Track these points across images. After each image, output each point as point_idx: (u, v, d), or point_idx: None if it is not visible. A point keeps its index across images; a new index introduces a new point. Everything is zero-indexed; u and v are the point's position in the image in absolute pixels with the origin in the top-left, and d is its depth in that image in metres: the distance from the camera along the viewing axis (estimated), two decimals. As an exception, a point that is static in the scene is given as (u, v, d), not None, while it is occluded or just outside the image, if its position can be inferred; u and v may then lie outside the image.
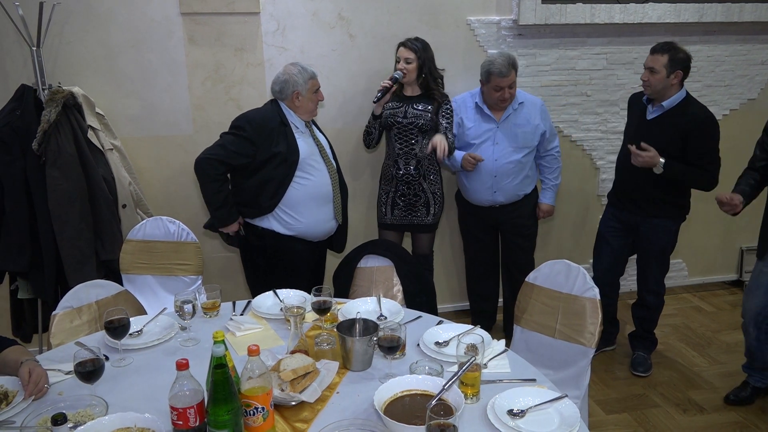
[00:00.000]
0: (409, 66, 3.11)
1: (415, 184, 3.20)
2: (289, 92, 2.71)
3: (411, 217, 3.26)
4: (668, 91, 2.95)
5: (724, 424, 2.86)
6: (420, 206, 3.24)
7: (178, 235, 2.86)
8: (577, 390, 2.13)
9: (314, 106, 2.79)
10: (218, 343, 1.45)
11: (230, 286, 3.60)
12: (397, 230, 3.35)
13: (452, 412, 1.47)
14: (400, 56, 3.14)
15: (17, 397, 1.69)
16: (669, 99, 2.96)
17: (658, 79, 2.91)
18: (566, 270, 2.29)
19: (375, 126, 3.20)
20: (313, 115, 2.82)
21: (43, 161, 2.79)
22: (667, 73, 2.89)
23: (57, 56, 3.12)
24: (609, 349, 3.51)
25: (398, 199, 3.24)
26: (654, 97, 3.00)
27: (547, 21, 3.56)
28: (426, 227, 3.31)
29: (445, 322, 2.16)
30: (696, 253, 4.37)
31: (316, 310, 2.07)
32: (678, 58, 2.88)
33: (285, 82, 2.71)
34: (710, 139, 2.93)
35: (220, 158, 2.65)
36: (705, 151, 2.93)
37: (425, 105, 3.15)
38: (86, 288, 2.33)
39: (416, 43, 3.12)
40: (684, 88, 2.98)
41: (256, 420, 1.47)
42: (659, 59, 2.90)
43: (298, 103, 2.73)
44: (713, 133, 2.94)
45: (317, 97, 2.78)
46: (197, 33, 3.27)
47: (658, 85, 2.92)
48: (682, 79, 2.93)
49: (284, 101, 2.74)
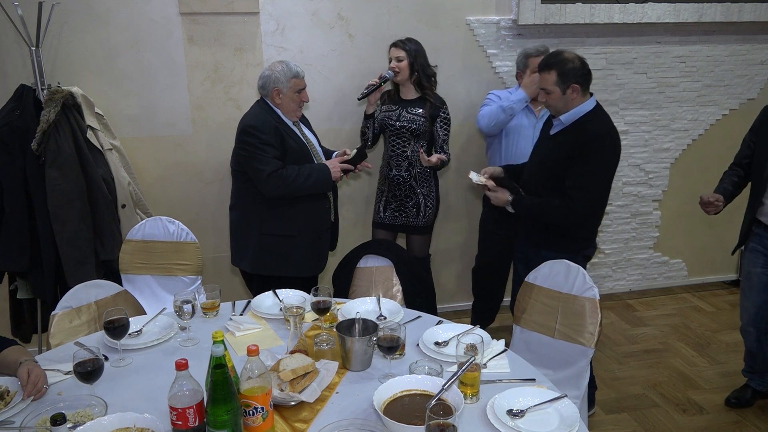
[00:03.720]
0: (401, 64, 3.12)
1: (406, 186, 3.22)
2: (270, 89, 2.69)
3: (403, 217, 3.29)
4: (570, 106, 2.52)
5: (724, 424, 2.86)
6: (411, 208, 3.26)
7: (178, 235, 2.86)
8: (576, 390, 2.13)
9: (296, 107, 2.73)
10: (217, 343, 1.45)
11: (230, 286, 3.60)
12: (390, 230, 3.37)
13: (452, 412, 1.46)
14: (392, 56, 3.15)
15: (16, 397, 1.69)
16: (568, 113, 2.52)
17: (555, 98, 2.51)
18: (566, 270, 2.29)
19: (368, 126, 3.20)
20: (295, 116, 2.76)
21: (43, 161, 2.79)
22: (562, 90, 2.48)
23: (56, 56, 3.12)
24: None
25: (391, 199, 3.27)
26: (556, 113, 2.58)
27: (546, 21, 3.56)
28: (418, 229, 3.32)
29: (444, 322, 2.15)
30: (696, 253, 4.37)
31: (316, 310, 2.06)
32: (567, 70, 2.46)
33: (267, 78, 2.69)
34: (588, 162, 2.43)
35: (273, 166, 2.60)
36: (577, 174, 2.44)
37: (417, 108, 3.17)
38: (85, 288, 2.32)
39: (407, 42, 3.14)
40: (591, 100, 2.54)
41: (255, 420, 1.47)
42: (548, 78, 2.49)
43: (279, 101, 2.70)
44: (596, 155, 2.44)
45: (300, 97, 2.72)
46: (196, 33, 3.27)
47: (557, 104, 2.52)
48: (583, 90, 2.50)
49: (267, 98, 2.73)
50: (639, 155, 4.07)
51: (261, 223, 2.73)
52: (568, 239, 2.57)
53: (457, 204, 3.85)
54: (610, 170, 2.51)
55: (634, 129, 4.00)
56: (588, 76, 2.51)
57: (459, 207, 3.86)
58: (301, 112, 2.81)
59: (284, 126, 2.71)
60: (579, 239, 2.60)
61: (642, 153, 4.07)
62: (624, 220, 4.17)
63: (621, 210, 4.15)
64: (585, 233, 2.62)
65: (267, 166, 2.60)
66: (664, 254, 4.31)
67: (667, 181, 4.16)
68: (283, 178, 2.61)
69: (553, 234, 2.58)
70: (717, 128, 4.14)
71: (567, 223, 2.53)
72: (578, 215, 2.48)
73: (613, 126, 2.53)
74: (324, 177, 2.69)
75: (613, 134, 2.50)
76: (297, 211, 2.73)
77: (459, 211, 3.88)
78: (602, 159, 2.46)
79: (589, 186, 2.45)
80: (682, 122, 4.07)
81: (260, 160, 2.60)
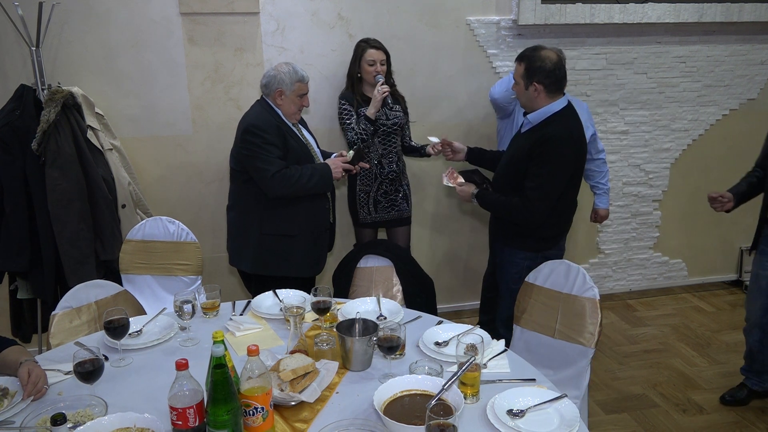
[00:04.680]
0: (383, 68, 3.17)
1: (396, 180, 3.30)
2: (273, 88, 2.69)
3: (394, 212, 3.34)
4: (534, 104, 2.50)
5: (724, 424, 2.86)
6: (400, 200, 3.34)
7: (178, 235, 2.86)
8: (576, 390, 2.13)
9: (296, 110, 2.74)
10: (218, 343, 1.45)
11: (229, 286, 3.60)
12: (373, 227, 3.40)
13: (452, 412, 1.46)
14: (374, 59, 3.14)
15: (16, 397, 1.69)
16: (536, 113, 2.50)
17: (519, 90, 2.51)
18: (566, 270, 2.29)
19: (370, 131, 3.14)
20: (294, 119, 2.77)
21: (43, 161, 2.79)
22: (525, 85, 2.47)
23: (56, 56, 3.12)
24: None
25: (380, 197, 3.29)
26: (526, 110, 2.57)
27: (546, 21, 3.56)
28: (406, 220, 3.40)
29: (444, 322, 2.15)
30: (696, 253, 4.37)
31: (316, 310, 2.06)
32: (535, 67, 2.42)
33: (272, 78, 2.69)
34: (545, 163, 2.41)
35: (277, 166, 2.60)
36: (535, 175, 2.43)
37: (397, 105, 3.26)
38: (86, 288, 2.33)
39: (382, 44, 3.19)
40: (560, 101, 2.49)
41: (255, 420, 1.47)
42: (518, 68, 2.48)
43: (280, 102, 2.70)
44: (553, 156, 2.41)
45: (301, 102, 2.73)
46: (197, 33, 3.27)
47: (521, 97, 2.53)
48: (549, 91, 2.46)
49: (268, 97, 2.73)
50: (639, 155, 4.07)
51: (261, 222, 2.73)
52: (531, 238, 2.58)
53: (459, 204, 3.85)
54: (566, 173, 2.46)
55: (634, 129, 4.01)
56: (557, 80, 2.46)
57: (461, 207, 3.87)
58: (300, 115, 2.82)
59: (285, 126, 2.71)
60: (544, 239, 2.60)
61: (642, 153, 4.07)
62: (624, 220, 4.18)
63: (621, 210, 4.15)
64: (552, 232, 2.61)
65: (271, 166, 2.60)
66: (664, 254, 4.31)
67: (667, 181, 4.16)
68: (288, 178, 2.61)
69: (515, 231, 2.60)
70: (717, 128, 4.14)
71: (525, 222, 2.53)
72: (535, 215, 2.47)
73: (576, 129, 2.51)
74: (326, 176, 2.71)
75: (574, 137, 2.47)
76: (297, 211, 2.73)
77: (460, 211, 3.88)
78: (559, 161, 2.43)
79: (544, 186, 2.44)
80: (682, 122, 4.08)
81: (264, 160, 2.60)
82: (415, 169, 3.70)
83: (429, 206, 3.82)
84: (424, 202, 3.80)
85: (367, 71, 3.16)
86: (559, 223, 2.62)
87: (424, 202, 3.80)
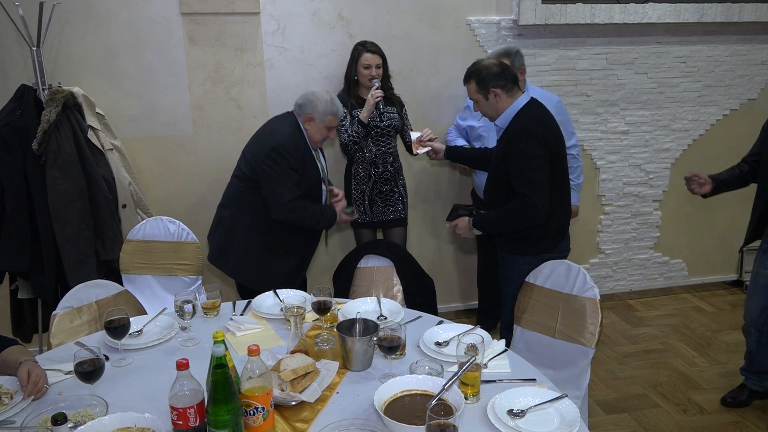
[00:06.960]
0: (378, 71, 3.19)
1: (392, 180, 3.31)
2: (306, 112, 2.71)
3: (389, 212, 3.35)
4: (498, 109, 2.52)
5: (724, 424, 2.86)
6: (395, 201, 3.35)
7: (178, 235, 2.86)
8: (577, 390, 2.13)
9: (320, 139, 2.77)
10: (218, 343, 1.45)
11: (230, 286, 3.60)
12: (372, 227, 3.41)
13: (452, 412, 1.46)
14: (370, 63, 3.17)
15: (16, 397, 1.69)
16: (502, 117, 2.52)
17: (482, 106, 2.55)
18: (566, 270, 2.30)
19: (362, 134, 3.17)
20: (317, 146, 2.81)
21: (43, 161, 2.79)
22: (484, 97, 2.51)
23: (57, 56, 3.12)
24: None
25: (375, 196, 3.31)
26: (493, 119, 2.60)
27: (547, 21, 3.56)
28: (401, 221, 3.41)
29: (445, 322, 2.15)
30: (696, 253, 4.37)
31: (316, 310, 2.07)
32: (484, 77, 2.48)
33: (309, 102, 2.70)
34: (522, 158, 2.43)
35: (292, 194, 2.65)
36: (520, 172, 2.44)
37: (391, 107, 3.27)
38: (86, 288, 2.33)
39: (379, 47, 3.21)
40: (523, 97, 2.52)
41: (256, 420, 1.47)
42: (470, 88, 2.55)
43: (308, 126, 2.73)
44: (524, 147, 2.42)
45: (328, 133, 2.76)
46: (197, 33, 3.27)
47: (488, 110, 2.55)
48: (508, 91, 2.49)
49: (299, 117, 2.74)
50: (639, 155, 4.07)
51: (255, 232, 2.76)
52: (531, 238, 2.55)
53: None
54: (544, 159, 2.43)
55: (634, 129, 4.01)
56: (510, 77, 2.48)
57: (459, 207, 3.87)
58: (322, 144, 2.86)
59: (308, 152, 2.74)
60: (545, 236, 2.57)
61: (642, 153, 4.07)
62: (624, 220, 4.17)
63: (621, 210, 4.15)
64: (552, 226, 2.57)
65: (287, 192, 2.64)
66: (664, 254, 4.31)
67: (667, 182, 4.16)
68: (298, 211, 2.68)
69: (516, 236, 2.56)
70: (717, 128, 4.14)
71: (531, 220, 2.46)
72: (537, 208, 2.41)
73: (542, 118, 2.50)
74: (331, 221, 2.82)
75: (539, 124, 2.46)
76: (292, 236, 2.77)
77: (459, 211, 3.88)
78: (533, 151, 2.41)
79: (533, 179, 2.42)
80: (682, 122, 4.07)
81: (282, 184, 2.64)
82: (416, 169, 3.70)
83: (429, 206, 3.82)
84: (424, 202, 3.80)
85: (362, 74, 3.19)
86: (559, 220, 2.60)
87: (424, 202, 3.80)
